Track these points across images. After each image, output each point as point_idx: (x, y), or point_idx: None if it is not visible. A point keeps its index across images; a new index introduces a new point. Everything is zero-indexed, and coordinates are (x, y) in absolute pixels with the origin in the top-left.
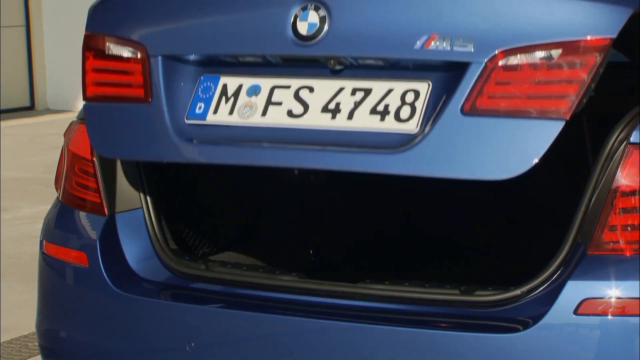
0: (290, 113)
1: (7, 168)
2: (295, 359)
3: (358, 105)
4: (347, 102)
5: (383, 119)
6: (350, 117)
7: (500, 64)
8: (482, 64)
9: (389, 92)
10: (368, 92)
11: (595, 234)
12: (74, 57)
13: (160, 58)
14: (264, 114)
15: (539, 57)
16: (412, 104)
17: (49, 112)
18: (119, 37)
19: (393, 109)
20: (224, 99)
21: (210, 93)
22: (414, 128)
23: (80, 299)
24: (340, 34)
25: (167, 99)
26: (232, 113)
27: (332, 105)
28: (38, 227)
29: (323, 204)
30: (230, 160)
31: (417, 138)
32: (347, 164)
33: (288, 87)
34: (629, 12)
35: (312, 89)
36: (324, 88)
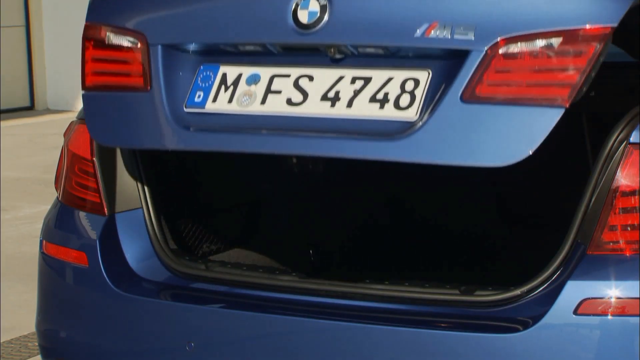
0: (290, 101)
1: (7, 168)
2: (296, 359)
3: (357, 94)
4: (346, 90)
5: (382, 107)
6: (350, 105)
7: (501, 52)
8: (482, 52)
9: (389, 80)
10: (368, 80)
11: (595, 234)
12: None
13: (160, 47)
14: (263, 102)
15: (540, 45)
16: (411, 92)
17: (49, 112)
18: (119, 26)
19: (392, 97)
20: (223, 88)
21: (210, 82)
22: (414, 115)
23: (80, 299)
24: (341, 23)
25: (166, 88)
26: (231, 101)
27: (331, 94)
28: (38, 227)
29: (323, 204)
30: (229, 148)
31: (416, 125)
32: (345, 151)
33: (288, 76)
34: (630, 1)
35: (311, 78)
36: (324, 77)
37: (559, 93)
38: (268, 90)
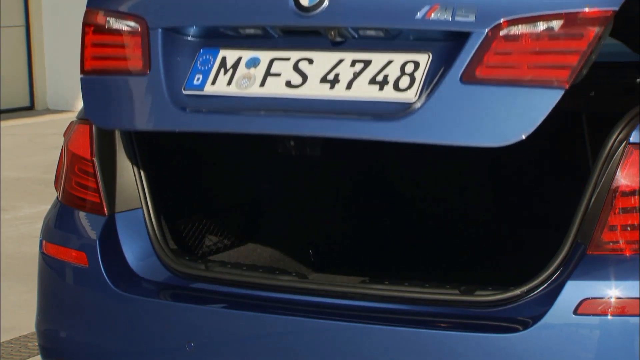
0: (289, 83)
1: (7, 168)
2: (295, 359)
3: (357, 76)
4: (346, 72)
5: (382, 89)
6: (349, 87)
7: (502, 34)
8: (483, 34)
9: (389, 63)
10: (367, 63)
11: (595, 234)
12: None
13: (160, 31)
14: (262, 85)
15: (540, 27)
16: (411, 74)
17: (49, 112)
18: (119, 11)
19: (392, 79)
20: (223, 71)
21: (209, 65)
22: (413, 97)
23: (80, 299)
24: (342, 5)
25: (165, 71)
26: (230, 84)
27: (331, 76)
28: (38, 227)
29: (323, 204)
30: (227, 128)
31: (415, 106)
32: (344, 131)
33: (287, 59)
34: None
35: (311, 61)
36: (324, 60)
37: (559, 75)
38: (267, 73)
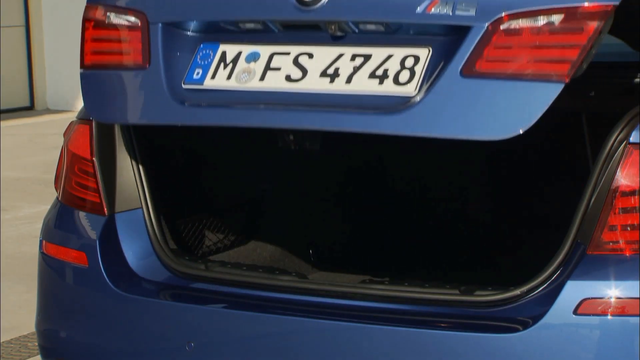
0: (289, 78)
1: (7, 168)
2: (295, 359)
3: (357, 70)
4: (346, 67)
5: (382, 83)
6: (349, 81)
7: (502, 28)
8: (483, 28)
9: (389, 57)
10: (368, 57)
11: (595, 234)
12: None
13: (160, 26)
14: (262, 79)
15: (541, 21)
16: (411, 69)
17: (49, 112)
18: (120, 6)
19: (392, 73)
20: (222, 65)
21: (209, 60)
22: (412, 91)
23: (80, 299)
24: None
25: (165, 65)
26: (229, 78)
27: (330, 70)
28: (38, 227)
29: (323, 203)
30: (226, 122)
31: (414, 99)
32: (343, 124)
33: (287, 53)
34: None
35: (311, 55)
36: (324, 54)
37: (559, 69)
38: (267, 68)
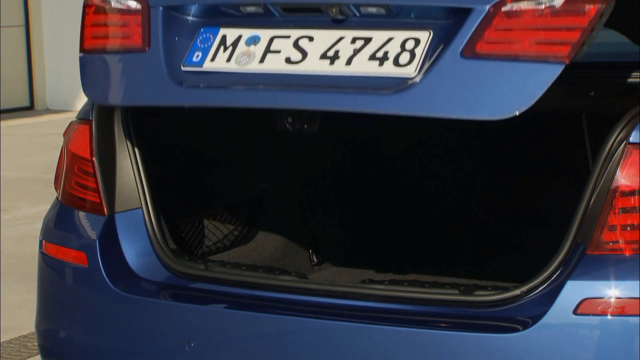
0: (289, 60)
1: (7, 168)
2: (295, 359)
3: (357, 52)
4: (346, 49)
5: (382, 64)
6: (349, 63)
7: (503, 10)
8: (484, 10)
9: (389, 40)
10: (368, 40)
11: (595, 234)
12: (74, 57)
13: (161, 9)
14: (262, 61)
15: (542, 4)
16: (411, 51)
17: (49, 112)
18: None
19: (392, 55)
20: (222, 48)
21: (209, 43)
22: (412, 72)
23: (80, 299)
24: None
25: (164, 48)
26: (229, 61)
27: (330, 53)
28: (38, 227)
29: (323, 203)
30: (225, 102)
31: (414, 80)
32: (342, 105)
33: (288, 37)
34: None
35: (311, 39)
36: (324, 37)
37: (560, 51)
38: (267, 50)
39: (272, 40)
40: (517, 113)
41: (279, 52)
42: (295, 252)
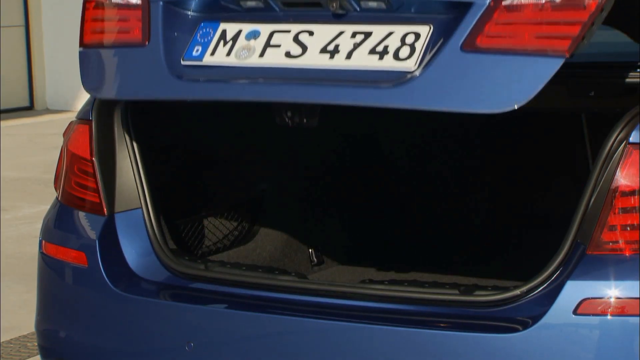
0: (288, 54)
1: (7, 168)
2: (295, 359)
3: (357, 47)
4: (346, 43)
5: (382, 58)
6: (349, 57)
7: (504, 4)
8: (485, 4)
9: (389, 34)
10: (368, 35)
11: (595, 234)
12: (74, 57)
13: (161, 4)
14: (262, 55)
15: None
16: (411, 45)
17: (48, 112)
18: None
19: (392, 49)
20: (222, 43)
21: (209, 37)
22: (413, 65)
23: (80, 299)
24: None
25: (164, 42)
26: (229, 55)
27: (330, 47)
28: (38, 227)
29: (323, 203)
30: (225, 96)
31: (414, 73)
32: (342, 98)
33: (288, 31)
34: None
35: (311, 33)
36: (324, 32)
37: (560, 45)
38: (267, 45)
39: (272, 35)
40: (515, 107)
41: (279, 46)
42: (295, 252)
